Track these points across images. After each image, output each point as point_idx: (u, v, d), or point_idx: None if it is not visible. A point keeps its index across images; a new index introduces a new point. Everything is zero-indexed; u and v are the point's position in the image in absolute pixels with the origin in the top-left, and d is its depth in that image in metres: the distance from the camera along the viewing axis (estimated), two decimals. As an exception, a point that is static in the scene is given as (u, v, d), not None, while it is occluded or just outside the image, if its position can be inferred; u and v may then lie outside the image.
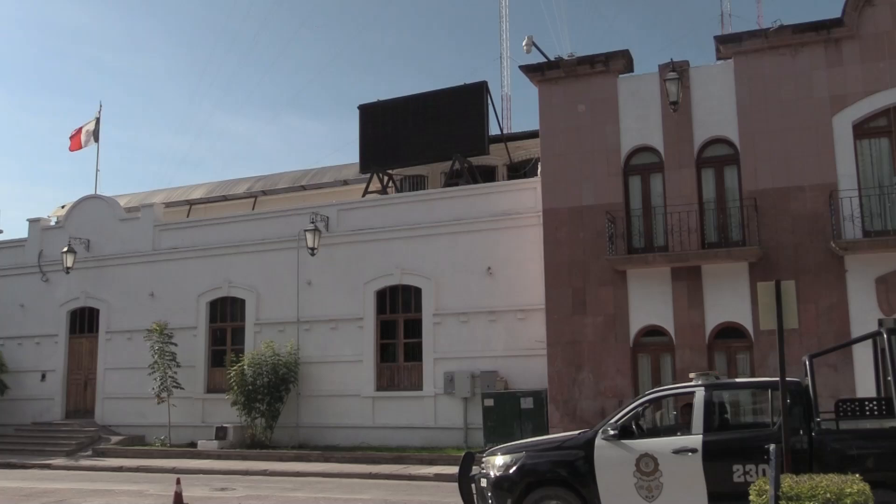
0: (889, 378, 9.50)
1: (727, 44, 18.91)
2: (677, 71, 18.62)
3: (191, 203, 31.58)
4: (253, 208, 29.43)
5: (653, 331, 18.72)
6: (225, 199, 30.98)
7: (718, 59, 19.30)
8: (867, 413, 9.57)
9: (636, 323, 18.75)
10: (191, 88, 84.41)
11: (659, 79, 19.06)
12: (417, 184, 27.55)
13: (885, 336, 9.80)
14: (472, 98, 24.99)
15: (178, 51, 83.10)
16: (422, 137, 25.27)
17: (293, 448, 21.89)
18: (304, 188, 29.63)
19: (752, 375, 17.16)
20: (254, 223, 24.94)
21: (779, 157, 18.00)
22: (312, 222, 22.92)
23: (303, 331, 23.41)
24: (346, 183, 28.86)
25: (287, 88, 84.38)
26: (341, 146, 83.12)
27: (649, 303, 18.63)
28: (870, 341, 11.53)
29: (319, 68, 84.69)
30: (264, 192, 30.40)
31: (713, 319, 18.16)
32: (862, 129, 17.74)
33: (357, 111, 26.67)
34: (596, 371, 18.82)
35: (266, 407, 22.30)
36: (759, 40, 18.47)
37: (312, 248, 22.62)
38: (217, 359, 24.76)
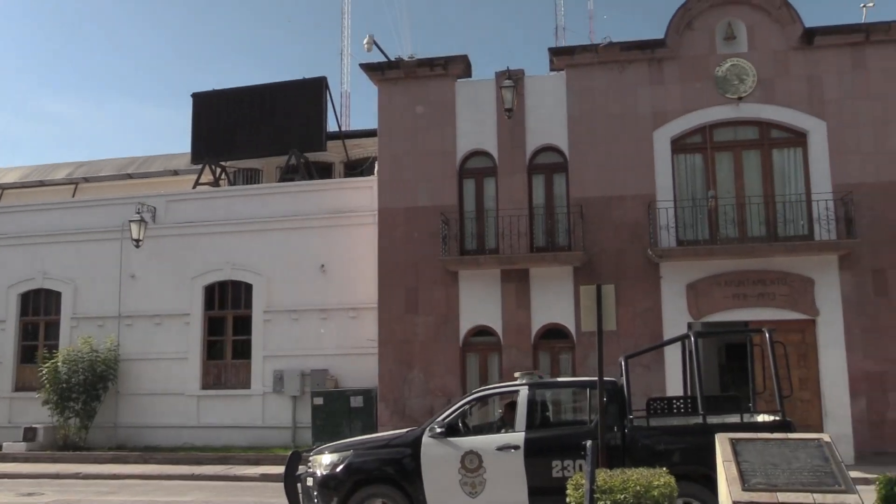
0: (695, 377, 10.19)
1: (560, 56, 19.64)
2: (513, 79, 19.17)
3: (3, 187, 29.56)
4: (73, 195, 27.88)
5: (482, 331, 19.16)
6: (42, 184, 29.19)
7: (552, 70, 19.99)
8: (675, 411, 10.21)
9: (466, 323, 19.14)
10: (7, 66, 78.61)
11: (495, 85, 19.54)
12: (251, 177, 26.95)
13: (692, 339, 10.51)
14: (311, 93, 24.72)
15: (-7, 23, 77.21)
16: (258, 130, 24.74)
17: (110, 449, 20.83)
18: (130, 177, 28.35)
19: (574, 375, 17.89)
20: (73, 211, 23.55)
21: (604, 166, 18.87)
22: (138, 213, 21.91)
23: (124, 326, 22.35)
24: (176, 173, 27.88)
25: (116, 72, 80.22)
26: (173, 135, 79.95)
27: (479, 303, 19.06)
28: (679, 343, 12.35)
29: (152, 53, 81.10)
30: (86, 179, 28.88)
31: (539, 320, 18.80)
32: (679, 145, 18.90)
33: (191, 99, 25.81)
34: (426, 370, 19.06)
35: (81, 406, 21.13)
36: (590, 55, 19.31)
37: (137, 240, 21.66)
38: (28, 355, 23.24)
